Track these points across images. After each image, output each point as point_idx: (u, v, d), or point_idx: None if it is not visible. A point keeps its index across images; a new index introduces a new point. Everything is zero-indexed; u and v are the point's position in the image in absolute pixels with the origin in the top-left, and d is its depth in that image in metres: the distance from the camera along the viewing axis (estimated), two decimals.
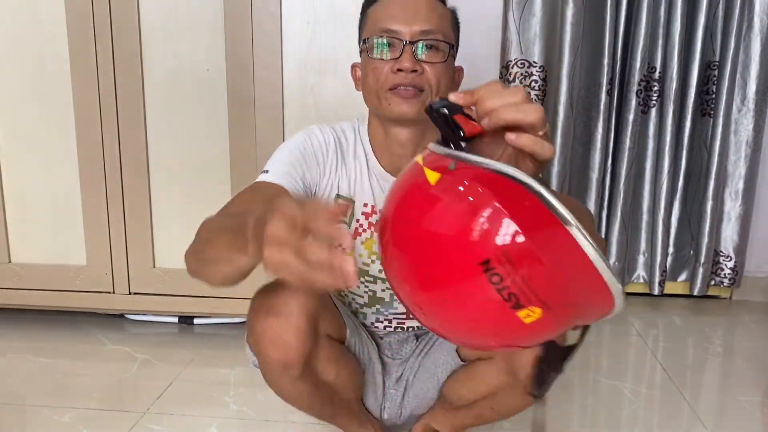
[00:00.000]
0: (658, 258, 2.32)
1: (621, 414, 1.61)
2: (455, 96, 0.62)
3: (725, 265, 2.38)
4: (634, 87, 2.19)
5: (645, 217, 2.35)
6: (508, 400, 1.04)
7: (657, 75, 2.20)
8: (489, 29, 2.29)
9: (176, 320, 2.07)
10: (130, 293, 1.91)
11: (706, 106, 2.27)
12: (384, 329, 1.21)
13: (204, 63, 1.75)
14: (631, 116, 2.21)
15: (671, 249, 2.39)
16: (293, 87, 1.73)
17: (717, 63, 2.20)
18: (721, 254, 2.38)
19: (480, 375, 1.06)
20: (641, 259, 2.40)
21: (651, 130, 2.25)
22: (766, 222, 2.41)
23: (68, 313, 2.05)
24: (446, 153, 0.61)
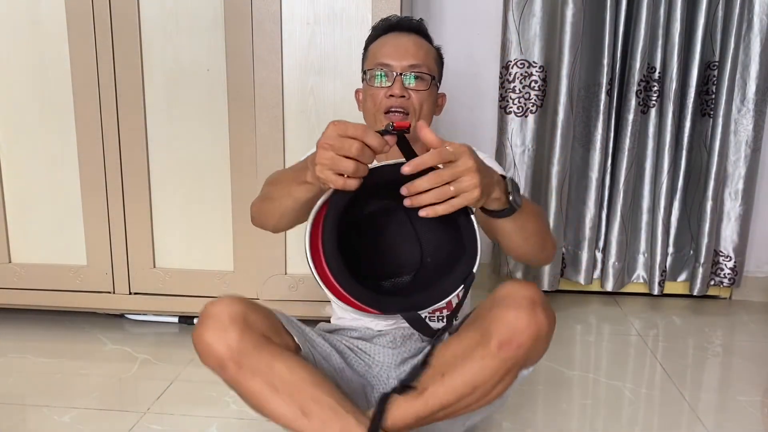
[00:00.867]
0: (658, 258, 2.32)
1: (621, 414, 1.61)
2: (423, 130, 0.84)
3: (725, 265, 2.38)
4: (634, 87, 2.19)
5: (645, 217, 2.35)
6: (476, 365, 1.01)
7: (657, 75, 2.20)
8: (489, 29, 2.29)
9: (176, 320, 2.07)
10: (131, 293, 1.91)
11: (706, 106, 2.27)
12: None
13: (204, 63, 1.76)
14: (631, 116, 2.22)
15: (671, 249, 2.39)
16: (293, 87, 1.73)
17: (717, 63, 2.20)
18: (721, 254, 2.38)
19: (461, 335, 1.07)
20: (641, 259, 2.40)
21: (651, 130, 2.25)
22: (766, 222, 2.41)
23: (68, 313, 2.05)
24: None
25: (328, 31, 1.70)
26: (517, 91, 2.27)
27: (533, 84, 2.26)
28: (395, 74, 1.23)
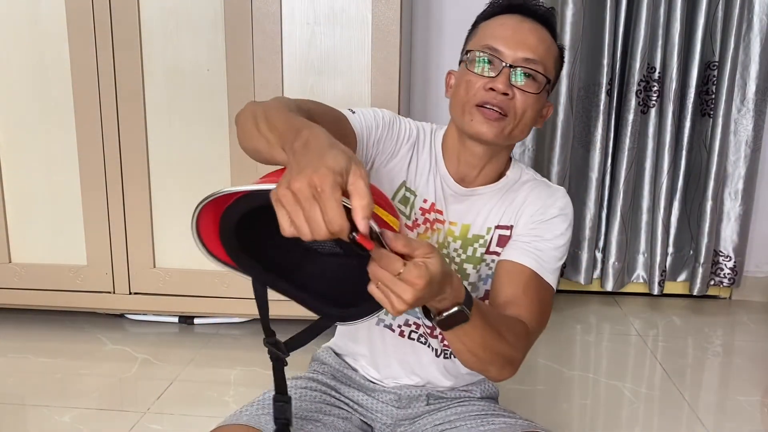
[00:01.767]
0: (658, 258, 2.32)
1: (621, 414, 1.61)
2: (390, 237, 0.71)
3: (725, 265, 2.38)
4: (634, 87, 2.19)
5: (645, 217, 2.35)
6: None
7: (657, 75, 2.20)
8: None
9: (176, 320, 2.07)
10: (131, 293, 1.91)
11: (706, 106, 2.27)
12: (408, 336, 1.12)
13: (204, 63, 1.76)
14: (631, 116, 2.22)
15: (671, 249, 2.39)
16: (293, 87, 1.73)
17: (717, 63, 2.20)
18: (721, 254, 2.38)
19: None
20: (641, 259, 2.40)
21: (651, 130, 2.25)
22: (766, 222, 2.41)
23: (68, 313, 2.05)
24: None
25: (328, 31, 1.70)
26: None
27: None
28: (504, 64, 0.99)
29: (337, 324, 0.86)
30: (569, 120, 2.20)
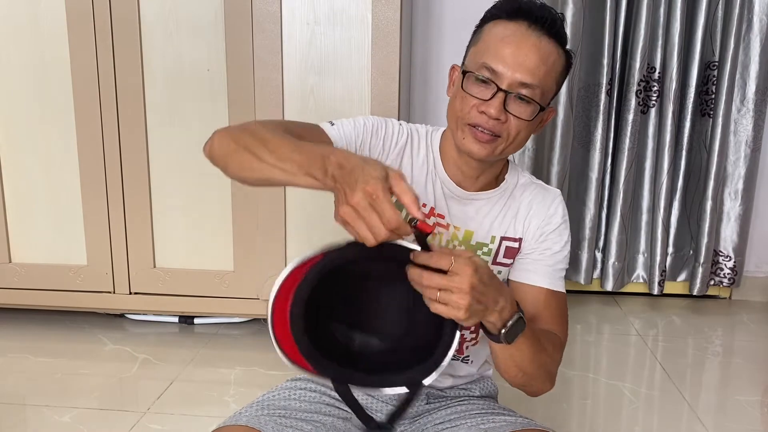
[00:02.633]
0: (658, 258, 2.32)
1: (621, 414, 1.61)
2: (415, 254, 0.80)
3: (725, 265, 2.38)
4: (634, 87, 2.19)
5: (644, 217, 2.35)
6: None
7: (656, 75, 2.20)
8: None
9: (176, 320, 2.07)
10: (131, 293, 1.91)
11: (706, 106, 2.27)
12: None
13: (204, 63, 1.76)
14: (631, 116, 2.22)
15: (671, 249, 2.39)
16: (293, 87, 1.73)
17: (716, 63, 2.20)
18: (721, 254, 2.38)
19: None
20: (641, 259, 2.40)
21: (650, 130, 2.25)
22: (766, 222, 2.41)
23: (68, 313, 2.05)
24: None
25: (328, 31, 1.70)
26: None
27: None
28: (497, 89, 0.95)
29: (429, 379, 0.88)
30: (569, 120, 2.20)
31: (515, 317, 0.88)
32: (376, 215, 0.73)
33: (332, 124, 1.04)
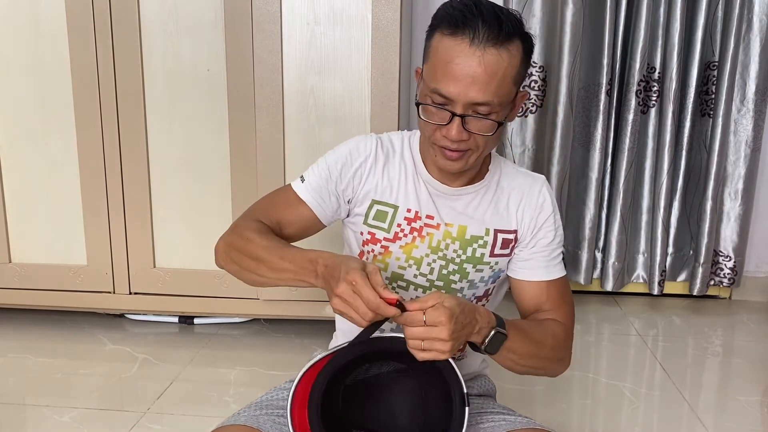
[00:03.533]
0: (658, 258, 2.32)
1: (621, 414, 1.61)
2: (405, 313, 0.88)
3: (725, 265, 2.38)
4: (634, 87, 2.19)
5: (644, 217, 2.35)
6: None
7: (656, 75, 2.20)
8: None
9: (176, 320, 2.07)
10: (131, 293, 1.91)
11: (706, 106, 2.27)
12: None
13: (204, 63, 1.76)
14: (631, 116, 2.22)
15: (671, 249, 2.39)
16: (293, 87, 1.73)
17: (716, 63, 2.20)
18: (721, 254, 2.38)
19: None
20: (641, 259, 2.40)
21: (650, 130, 2.25)
22: (766, 222, 2.41)
23: (68, 313, 2.05)
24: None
25: (328, 31, 1.70)
26: None
27: (533, 84, 2.26)
28: (453, 114, 0.95)
29: None
30: (569, 120, 2.20)
31: (492, 333, 0.94)
32: (361, 300, 0.85)
33: (303, 180, 1.11)
